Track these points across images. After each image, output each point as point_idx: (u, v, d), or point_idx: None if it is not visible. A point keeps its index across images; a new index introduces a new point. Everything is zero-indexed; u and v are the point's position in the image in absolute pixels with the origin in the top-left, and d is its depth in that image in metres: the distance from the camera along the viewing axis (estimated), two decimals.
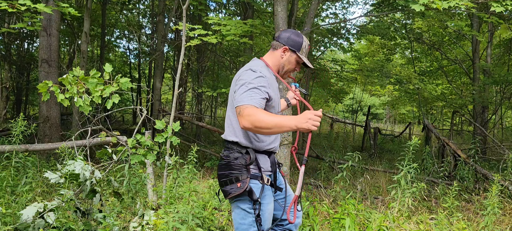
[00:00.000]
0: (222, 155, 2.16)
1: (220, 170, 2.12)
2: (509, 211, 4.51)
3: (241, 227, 2.07)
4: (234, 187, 2.05)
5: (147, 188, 4.08)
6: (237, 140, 2.11)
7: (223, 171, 2.10)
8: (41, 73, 6.37)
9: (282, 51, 2.21)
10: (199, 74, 11.13)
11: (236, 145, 2.12)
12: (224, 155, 2.13)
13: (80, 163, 2.92)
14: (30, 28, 5.52)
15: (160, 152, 3.51)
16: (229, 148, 2.13)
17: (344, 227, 3.32)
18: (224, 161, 2.12)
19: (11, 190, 3.99)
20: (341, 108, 24.36)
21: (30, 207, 2.70)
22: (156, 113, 8.66)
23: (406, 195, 4.06)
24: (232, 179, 2.06)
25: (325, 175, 6.29)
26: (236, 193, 2.03)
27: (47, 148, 4.72)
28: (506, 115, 16.85)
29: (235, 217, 2.10)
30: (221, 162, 2.15)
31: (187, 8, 4.77)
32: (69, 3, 7.16)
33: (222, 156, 2.15)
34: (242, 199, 2.06)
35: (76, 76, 2.82)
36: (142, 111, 3.62)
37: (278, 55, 2.22)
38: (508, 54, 10.68)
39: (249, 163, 2.08)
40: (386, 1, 7.98)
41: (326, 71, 12.00)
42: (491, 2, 4.16)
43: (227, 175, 2.08)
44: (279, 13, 4.31)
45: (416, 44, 11.82)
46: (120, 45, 23.14)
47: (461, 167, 5.96)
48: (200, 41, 5.18)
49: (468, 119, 10.23)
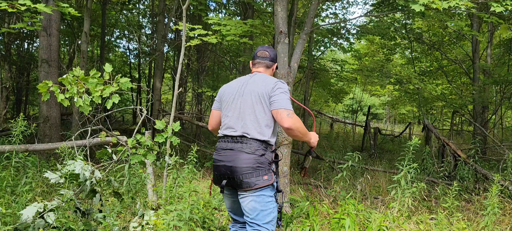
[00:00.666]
0: (235, 149, 2.37)
1: (242, 163, 2.33)
2: (509, 211, 4.51)
3: (265, 213, 2.36)
4: (261, 179, 2.32)
5: (147, 188, 4.08)
6: (266, 139, 2.38)
7: (248, 164, 2.32)
8: (41, 73, 6.37)
9: (274, 68, 2.70)
10: (199, 74, 11.12)
11: (264, 143, 2.38)
12: (238, 149, 2.36)
13: (80, 163, 2.92)
14: (30, 28, 5.52)
15: (160, 152, 3.51)
16: (252, 144, 2.36)
17: (344, 227, 3.32)
18: (250, 154, 2.34)
19: (11, 190, 3.99)
20: (341, 108, 24.36)
21: (30, 207, 2.70)
22: (156, 113, 8.66)
23: (406, 195, 4.06)
24: (258, 173, 2.32)
25: (325, 175, 6.29)
26: (264, 184, 2.32)
27: (47, 148, 4.72)
28: (506, 115, 16.85)
29: (256, 204, 2.35)
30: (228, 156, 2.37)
31: (187, 8, 4.77)
32: (69, 3, 7.16)
33: (236, 149, 2.37)
34: (266, 189, 2.35)
35: (76, 76, 2.82)
36: (142, 111, 3.62)
37: (272, 71, 2.68)
38: (508, 54, 10.68)
39: (274, 160, 2.43)
40: (386, 1, 7.98)
41: (326, 71, 12.00)
42: (491, 2, 4.16)
43: (255, 168, 2.33)
44: (279, 13, 4.31)
45: (416, 44, 11.82)
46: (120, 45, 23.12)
47: (461, 167, 5.96)
48: (200, 41, 5.18)
49: (468, 119, 10.24)
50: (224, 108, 2.55)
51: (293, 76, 4.33)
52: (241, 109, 2.43)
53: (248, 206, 2.36)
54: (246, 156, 2.33)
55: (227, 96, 2.55)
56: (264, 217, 2.36)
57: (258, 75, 2.53)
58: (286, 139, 4.19)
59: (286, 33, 4.31)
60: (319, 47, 11.37)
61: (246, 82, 2.52)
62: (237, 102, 2.46)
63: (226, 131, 2.48)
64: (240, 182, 2.33)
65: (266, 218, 2.36)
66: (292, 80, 4.31)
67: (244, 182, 2.32)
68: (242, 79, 2.59)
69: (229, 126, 2.46)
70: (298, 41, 4.50)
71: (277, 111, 2.35)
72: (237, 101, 2.47)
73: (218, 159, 2.44)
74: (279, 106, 2.34)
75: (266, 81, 2.45)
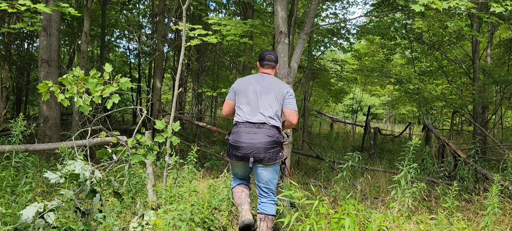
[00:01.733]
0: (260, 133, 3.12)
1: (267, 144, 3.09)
2: (509, 211, 4.51)
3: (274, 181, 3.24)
4: (278, 156, 3.17)
5: (147, 188, 4.07)
6: (279, 126, 3.23)
7: (270, 145, 3.11)
8: (41, 73, 6.36)
9: (276, 68, 3.50)
10: (199, 74, 11.12)
11: (278, 129, 3.20)
12: (264, 133, 3.12)
13: (80, 163, 2.92)
14: (30, 28, 5.52)
15: (160, 152, 3.51)
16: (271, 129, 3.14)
17: (344, 227, 3.31)
18: (271, 138, 3.12)
19: (11, 190, 3.99)
20: (341, 108, 24.36)
21: (30, 207, 2.70)
22: (156, 113, 8.66)
23: (406, 195, 4.06)
24: (277, 151, 3.15)
25: (325, 175, 6.28)
26: (281, 159, 3.20)
27: (47, 148, 4.71)
28: (506, 115, 16.84)
29: (270, 174, 3.18)
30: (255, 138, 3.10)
31: (187, 8, 4.77)
32: (69, 3, 7.16)
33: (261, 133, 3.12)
34: (278, 163, 3.22)
35: (76, 76, 2.82)
36: (142, 111, 3.62)
37: (275, 71, 3.51)
38: (508, 54, 10.68)
39: (283, 142, 3.30)
40: (386, 1, 7.98)
41: (326, 71, 12.00)
42: (491, 2, 4.16)
43: (274, 147, 3.13)
44: (279, 13, 4.31)
45: (416, 44, 11.82)
46: (120, 45, 23.15)
47: (461, 167, 5.96)
48: (200, 41, 5.18)
49: (468, 119, 10.23)
50: (240, 100, 3.25)
51: (293, 76, 4.33)
52: (261, 103, 3.18)
53: (267, 176, 3.17)
54: (268, 139, 3.10)
55: (243, 91, 3.26)
56: (274, 183, 3.23)
57: (270, 77, 3.32)
58: (286, 139, 4.19)
59: (286, 33, 4.31)
60: (319, 47, 11.37)
61: (261, 82, 3.27)
62: (256, 97, 3.20)
63: (247, 118, 3.17)
64: (263, 158, 3.09)
65: (275, 183, 3.24)
66: (292, 80, 4.31)
67: (267, 158, 3.09)
68: (255, 78, 3.33)
69: (250, 115, 3.17)
70: (298, 41, 4.50)
71: (290, 111, 3.22)
72: (254, 96, 3.20)
73: (241, 140, 3.13)
74: (292, 108, 3.23)
75: (281, 85, 3.27)
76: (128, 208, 3.79)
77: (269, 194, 3.22)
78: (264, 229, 3.17)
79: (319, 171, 6.56)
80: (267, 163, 3.11)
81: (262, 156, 3.08)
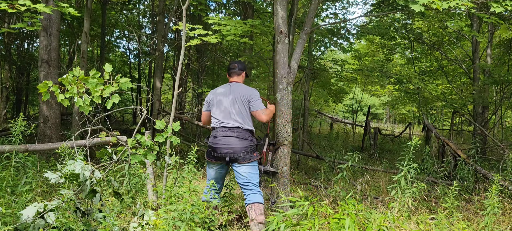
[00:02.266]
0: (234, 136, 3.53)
1: (237, 145, 3.50)
2: (509, 211, 4.51)
3: (254, 176, 3.58)
4: (253, 156, 3.57)
5: (147, 188, 4.08)
6: (251, 128, 3.63)
7: (242, 145, 3.52)
8: (41, 73, 6.36)
9: (244, 75, 3.87)
10: (199, 74, 11.12)
11: (250, 131, 3.62)
12: (238, 136, 3.53)
13: (80, 163, 2.92)
14: (30, 28, 5.51)
15: (160, 152, 3.51)
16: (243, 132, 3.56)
17: (344, 227, 3.31)
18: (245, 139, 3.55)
19: (11, 190, 3.99)
20: (341, 108, 24.36)
21: (30, 207, 2.70)
22: (156, 113, 8.66)
23: (406, 195, 4.06)
24: (251, 151, 3.56)
25: (325, 175, 6.28)
26: (255, 159, 3.58)
27: (47, 148, 4.71)
28: (506, 115, 16.84)
29: (249, 172, 3.55)
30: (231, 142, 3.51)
31: (187, 8, 4.77)
32: (69, 3, 7.16)
33: (235, 137, 3.53)
34: (255, 161, 3.60)
35: (76, 76, 2.82)
36: (142, 111, 3.62)
37: (242, 77, 3.86)
38: (508, 54, 10.68)
39: (257, 143, 3.71)
40: (386, 1, 7.98)
41: (326, 71, 12.00)
42: (491, 3, 4.16)
43: (247, 148, 3.53)
44: (279, 13, 4.31)
45: (416, 44, 11.82)
46: (120, 45, 23.14)
47: (461, 167, 5.96)
48: (200, 41, 5.17)
49: (468, 119, 10.23)
50: (214, 111, 3.67)
51: (293, 76, 4.33)
52: (232, 109, 3.58)
53: (244, 172, 3.54)
54: (242, 141, 3.53)
55: (216, 102, 3.68)
56: (254, 179, 3.57)
57: (236, 85, 3.71)
58: (286, 139, 4.19)
59: (286, 33, 4.31)
60: (319, 47, 11.36)
61: (229, 90, 3.67)
62: (227, 105, 3.60)
63: (223, 124, 3.58)
64: (238, 157, 3.50)
65: (255, 179, 3.57)
66: (292, 80, 4.31)
67: (241, 157, 3.50)
68: (224, 87, 3.74)
69: (225, 120, 3.58)
70: (298, 41, 4.49)
71: (256, 112, 3.62)
72: (226, 104, 3.61)
73: (219, 142, 3.54)
74: (256, 108, 3.61)
75: (245, 91, 3.64)
76: (128, 208, 3.80)
77: (250, 187, 3.54)
78: (253, 216, 3.44)
79: (319, 171, 6.56)
80: (242, 162, 3.51)
81: (237, 156, 3.48)
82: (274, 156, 4.19)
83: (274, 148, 4.20)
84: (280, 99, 4.23)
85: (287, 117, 4.21)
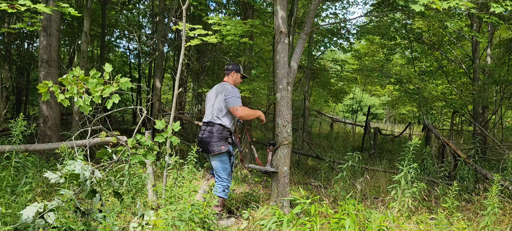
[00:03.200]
0: (206, 130, 3.93)
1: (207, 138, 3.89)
2: (509, 211, 4.51)
3: (221, 168, 3.94)
4: (221, 149, 3.86)
5: (147, 188, 4.07)
6: (222, 123, 3.92)
7: (210, 138, 3.88)
8: (41, 73, 6.36)
9: (233, 74, 4.19)
10: (199, 74, 11.11)
11: (222, 126, 3.92)
12: (208, 130, 3.92)
13: (80, 163, 2.92)
14: (30, 28, 5.51)
15: (160, 152, 3.51)
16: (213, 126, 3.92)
17: (344, 227, 3.32)
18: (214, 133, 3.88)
19: (11, 190, 3.99)
20: (341, 108, 24.37)
21: (30, 207, 2.70)
22: (156, 114, 8.66)
23: (406, 195, 4.06)
24: (219, 144, 3.87)
25: (325, 175, 6.28)
26: (221, 151, 3.87)
27: (47, 148, 4.71)
28: (506, 115, 16.84)
29: (219, 164, 3.92)
30: (204, 134, 3.93)
31: (187, 8, 4.77)
32: (69, 3, 7.16)
33: (207, 130, 3.93)
34: (223, 154, 3.90)
35: (76, 76, 2.82)
36: (142, 111, 3.61)
37: (231, 76, 4.19)
38: (508, 54, 10.68)
39: (228, 136, 3.95)
40: (386, 1, 7.98)
41: (326, 71, 12.00)
42: (491, 3, 4.16)
43: (218, 141, 3.87)
44: (279, 13, 4.31)
45: (416, 44, 11.81)
46: (120, 45, 23.16)
47: (461, 167, 5.96)
48: (200, 41, 5.17)
49: (468, 119, 10.23)
50: (205, 106, 4.16)
51: (293, 76, 4.33)
52: (211, 105, 4.00)
53: (213, 164, 3.95)
54: (211, 134, 3.88)
55: (206, 99, 4.16)
56: (221, 171, 3.93)
57: (223, 84, 4.10)
58: (286, 139, 4.19)
59: (286, 33, 4.31)
60: (319, 47, 11.36)
61: (216, 89, 4.06)
62: (210, 101, 4.04)
63: (204, 119, 4.04)
64: (208, 150, 3.87)
65: (222, 171, 3.93)
66: (292, 80, 4.31)
67: (210, 149, 3.86)
68: (216, 86, 4.14)
69: (206, 115, 4.05)
70: (298, 41, 4.49)
71: (231, 108, 3.85)
72: (210, 101, 4.05)
73: (198, 135, 4.03)
74: (231, 105, 3.84)
75: (224, 87, 4.00)
76: (128, 208, 3.79)
77: (217, 177, 3.97)
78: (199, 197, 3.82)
79: (319, 171, 6.55)
80: (212, 154, 3.86)
81: (207, 148, 3.87)
82: (274, 156, 4.19)
83: (274, 148, 4.20)
84: (280, 99, 4.23)
85: (287, 117, 4.21)
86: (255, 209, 4.25)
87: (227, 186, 3.96)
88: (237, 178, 6.00)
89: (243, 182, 5.99)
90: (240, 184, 5.83)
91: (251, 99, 7.19)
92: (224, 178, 3.92)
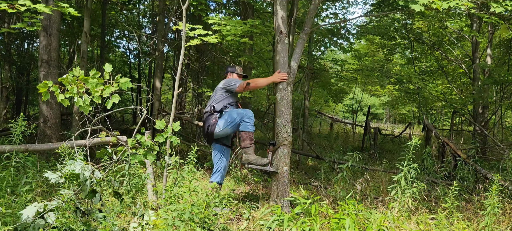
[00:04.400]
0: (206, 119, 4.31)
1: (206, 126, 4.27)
2: (509, 211, 4.51)
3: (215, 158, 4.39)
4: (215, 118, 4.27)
5: (147, 188, 4.07)
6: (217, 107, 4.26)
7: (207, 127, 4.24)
8: (41, 73, 6.36)
9: (229, 75, 4.61)
10: (199, 74, 11.11)
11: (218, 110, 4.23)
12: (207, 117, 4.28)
13: (80, 163, 2.92)
14: (30, 28, 5.51)
15: (160, 152, 3.51)
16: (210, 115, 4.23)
17: (344, 227, 3.32)
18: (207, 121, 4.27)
19: (11, 190, 3.99)
20: (341, 108, 24.37)
21: (30, 207, 2.70)
22: (156, 114, 8.65)
23: (406, 195, 4.06)
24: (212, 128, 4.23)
25: (325, 175, 6.28)
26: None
27: (47, 148, 4.71)
28: (506, 115, 16.85)
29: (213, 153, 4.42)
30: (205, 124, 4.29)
31: (187, 8, 4.77)
32: (69, 3, 7.16)
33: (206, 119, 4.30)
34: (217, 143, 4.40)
35: (76, 76, 2.82)
36: (142, 112, 3.62)
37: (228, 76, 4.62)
38: (508, 54, 10.68)
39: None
40: (386, 1, 7.98)
41: (326, 71, 12.00)
42: (491, 3, 4.16)
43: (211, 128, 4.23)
44: (279, 13, 4.31)
45: (416, 44, 11.81)
46: (120, 45, 23.16)
47: (461, 167, 5.95)
48: (200, 41, 5.18)
49: (468, 118, 10.23)
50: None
51: (293, 76, 4.33)
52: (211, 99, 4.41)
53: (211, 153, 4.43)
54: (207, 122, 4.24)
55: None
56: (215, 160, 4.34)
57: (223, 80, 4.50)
58: (286, 139, 4.19)
59: (286, 33, 4.31)
60: (319, 47, 11.36)
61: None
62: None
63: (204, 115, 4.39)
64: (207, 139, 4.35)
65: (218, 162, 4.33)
66: (292, 80, 4.31)
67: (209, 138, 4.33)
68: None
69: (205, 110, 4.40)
70: (298, 41, 4.50)
71: (239, 87, 4.26)
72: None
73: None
74: (237, 84, 4.28)
75: (223, 81, 4.42)
76: (128, 208, 3.79)
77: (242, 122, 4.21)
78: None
79: (319, 171, 6.55)
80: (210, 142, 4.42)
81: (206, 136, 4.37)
82: (274, 156, 4.19)
83: (274, 148, 4.20)
84: (280, 99, 4.23)
85: (287, 117, 4.21)
86: (255, 209, 4.26)
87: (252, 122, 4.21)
88: (237, 178, 6.00)
89: (243, 182, 5.99)
90: (240, 184, 5.83)
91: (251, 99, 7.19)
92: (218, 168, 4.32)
